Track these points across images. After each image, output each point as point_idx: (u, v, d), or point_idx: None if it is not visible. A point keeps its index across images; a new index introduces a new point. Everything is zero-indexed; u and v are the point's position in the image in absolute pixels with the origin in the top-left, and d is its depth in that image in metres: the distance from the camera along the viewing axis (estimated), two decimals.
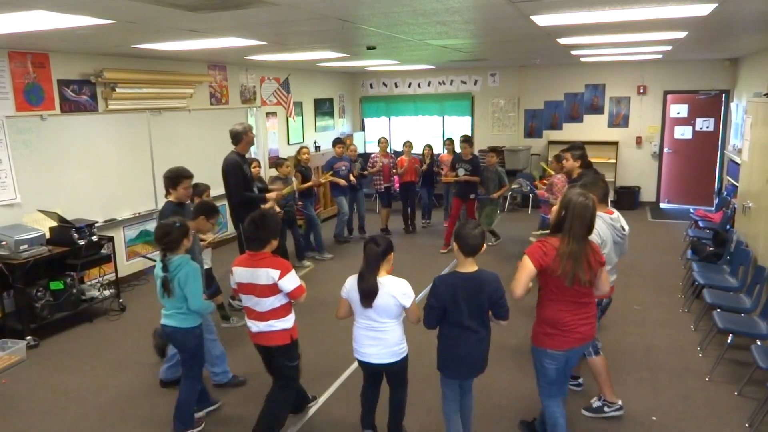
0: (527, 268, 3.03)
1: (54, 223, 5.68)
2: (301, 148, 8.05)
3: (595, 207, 3.06)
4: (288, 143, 10.26)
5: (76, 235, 5.61)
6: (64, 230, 5.62)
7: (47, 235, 5.56)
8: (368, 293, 3.18)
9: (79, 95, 6.31)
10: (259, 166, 6.48)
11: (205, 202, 4.80)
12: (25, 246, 5.23)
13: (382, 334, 3.26)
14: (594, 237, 3.31)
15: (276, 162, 7.50)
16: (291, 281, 3.36)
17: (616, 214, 3.82)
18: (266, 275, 3.33)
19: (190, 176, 4.51)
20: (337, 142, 8.54)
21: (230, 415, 4.06)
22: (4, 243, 5.19)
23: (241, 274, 3.43)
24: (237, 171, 5.49)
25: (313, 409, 4.10)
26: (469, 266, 3.10)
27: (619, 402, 3.91)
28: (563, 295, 3.05)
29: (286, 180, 7.18)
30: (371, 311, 3.22)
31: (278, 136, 10.01)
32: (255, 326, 3.47)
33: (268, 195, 5.77)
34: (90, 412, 4.13)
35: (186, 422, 3.76)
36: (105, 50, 6.09)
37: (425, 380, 4.42)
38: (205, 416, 3.97)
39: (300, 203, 7.61)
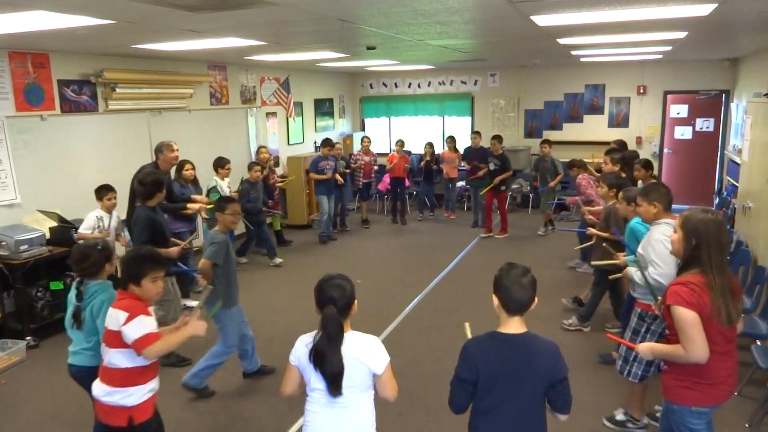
0: (691, 319, 2.37)
1: (54, 223, 5.68)
2: (260, 147, 8.30)
3: (726, 223, 2.58)
4: (288, 143, 10.27)
5: (76, 235, 5.61)
6: (64, 230, 5.62)
7: (47, 235, 5.56)
8: (334, 377, 2.23)
9: (79, 95, 6.31)
10: (194, 168, 6.38)
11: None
12: (25, 246, 5.23)
13: (347, 412, 2.30)
14: (663, 246, 3.04)
15: (248, 165, 7.68)
16: (135, 328, 2.59)
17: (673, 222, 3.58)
18: (114, 317, 2.65)
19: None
20: (326, 143, 8.77)
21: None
22: (4, 243, 5.19)
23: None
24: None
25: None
26: (515, 326, 2.21)
27: (645, 420, 3.76)
28: (711, 343, 2.43)
29: (256, 185, 7.41)
30: (323, 378, 2.28)
31: (278, 137, 10.02)
32: (94, 388, 2.76)
33: (190, 206, 5.77)
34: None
35: None
36: (105, 50, 6.09)
37: (425, 380, 4.42)
38: None
39: (271, 201, 7.96)
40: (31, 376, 4.72)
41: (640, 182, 5.38)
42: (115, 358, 2.66)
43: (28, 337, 5.21)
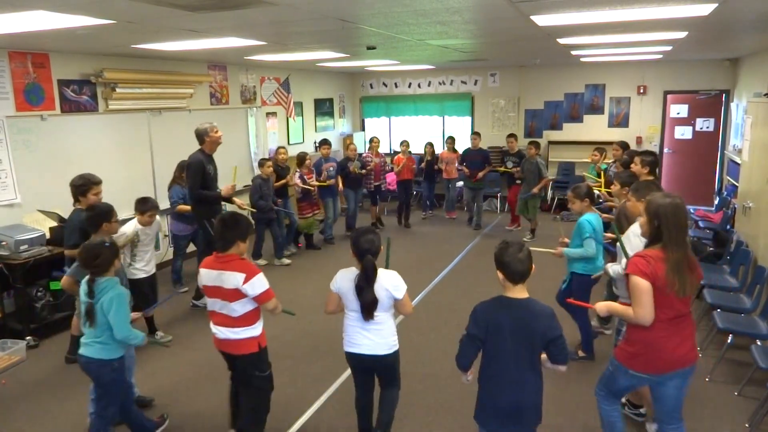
0: (643, 287, 2.68)
1: (54, 223, 5.68)
2: (279, 148, 8.14)
3: (684, 204, 2.81)
4: (288, 143, 10.26)
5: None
6: (64, 230, 5.61)
7: (47, 235, 5.55)
8: (369, 307, 3.12)
9: (80, 95, 6.31)
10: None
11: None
12: (26, 246, 5.23)
13: (376, 326, 3.18)
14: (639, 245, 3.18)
15: (259, 162, 7.63)
16: (257, 284, 3.18)
17: None
18: (231, 279, 3.17)
19: (99, 182, 4.46)
20: (323, 143, 8.65)
21: None
22: (4, 243, 5.19)
23: (207, 276, 3.27)
24: (197, 170, 5.51)
25: (308, 413, 4.09)
26: (518, 293, 2.60)
27: (643, 409, 3.78)
28: (661, 312, 2.73)
29: (268, 181, 7.36)
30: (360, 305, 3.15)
31: (278, 136, 10.02)
32: (220, 332, 3.30)
33: (224, 191, 5.81)
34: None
35: None
36: (105, 50, 6.09)
37: (425, 380, 4.43)
38: None
39: (280, 201, 7.71)
40: (31, 376, 4.72)
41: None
42: (236, 307, 3.21)
43: (28, 337, 5.21)
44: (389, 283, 3.15)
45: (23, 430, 3.94)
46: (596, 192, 5.30)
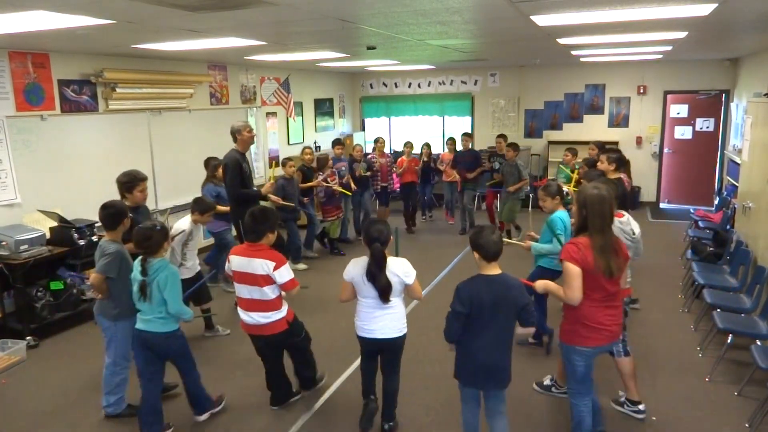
0: (574, 271, 3.04)
1: (54, 223, 5.68)
2: (305, 148, 8.02)
3: (611, 197, 3.10)
4: (288, 143, 10.27)
5: (76, 235, 5.61)
6: (64, 230, 5.62)
7: (47, 235, 5.56)
8: (384, 291, 3.35)
9: (80, 95, 6.31)
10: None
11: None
12: (26, 246, 5.23)
13: (388, 311, 3.42)
14: None
15: (282, 162, 7.49)
16: (285, 273, 3.55)
17: (627, 217, 3.87)
18: (262, 266, 3.51)
19: (144, 178, 4.56)
20: (337, 143, 8.51)
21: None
22: (4, 243, 5.19)
23: (238, 262, 3.59)
24: (234, 168, 5.51)
25: (326, 395, 4.21)
26: (493, 269, 3.05)
27: (641, 406, 3.86)
28: (593, 292, 3.08)
29: (291, 180, 7.22)
30: (375, 290, 3.36)
31: (278, 136, 10.02)
32: (248, 317, 3.64)
33: (263, 190, 5.87)
34: (90, 413, 4.13)
35: (205, 404, 3.92)
36: (105, 50, 6.09)
37: (425, 380, 4.43)
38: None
39: (306, 199, 7.62)
40: (31, 376, 4.72)
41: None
42: (266, 292, 3.56)
43: (28, 337, 5.21)
44: (400, 269, 3.38)
45: (23, 430, 3.94)
46: (565, 190, 5.29)
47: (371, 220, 3.52)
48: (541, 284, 3.36)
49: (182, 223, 4.93)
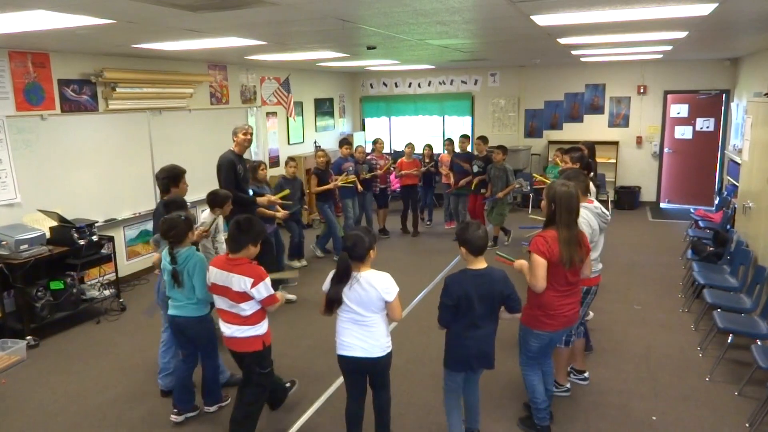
0: (539, 262, 3.29)
1: (54, 223, 5.68)
2: (318, 151, 7.97)
3: (577, 194, 3.38)
4: (288, 143, 10.27)
5: (76, 235, 5.62)
6: (64, 230, 5.62)
7: (47, 235, 5.56)
8: (329, 303, 3.19)
9: (80, 95, 6.31)
10: (266, 169, 6.47)
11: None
12: (26, 246, 5.23)
13: (368, 328, 3.20)
14: (584, 227, 3.66)
15: (286, 161, 7.43)
16: (264, 290, 3.35)
17: (596, 203, 4.06)
18: (239, 282, 3.31)
19: (185, 171, 4.62)
20: (344, 142, 8.38)
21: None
22: (4, 243, 5.19)
23: (216, 275, 3.43)
24: (229, 169, 5.52)
25: (313, 408, 4.10)
26: (479, 263, 3.21)
27: (568, 385, 4.16)
28: (555, 282, 3.34)
29: (296, 180, 7.19)
30: (355, 305, 3.16)
31: (278, 136, 10.02)
32: (227, 329, 3.46)
33: (259, 199, 5.82)
34: (90, 412, 4.13)
35: (216, 397, 4.03)
36: (105, 50, 6.09)
37: (425, 379, 4.43)
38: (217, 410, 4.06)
39: (306, 205, 7.59)
40: (31, 376, 4.72)
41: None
42: (245, 307, 3.37)
43: (28, 337, 5.21)
44: (380, 285, 3.14)
45: (23, 430, 3.94)
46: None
47: (355, 228, 3.30)
48: (518, 264, 3.55)
49: (205, 218, 4.87)
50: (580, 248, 3.36)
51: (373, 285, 3.13)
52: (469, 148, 8.81)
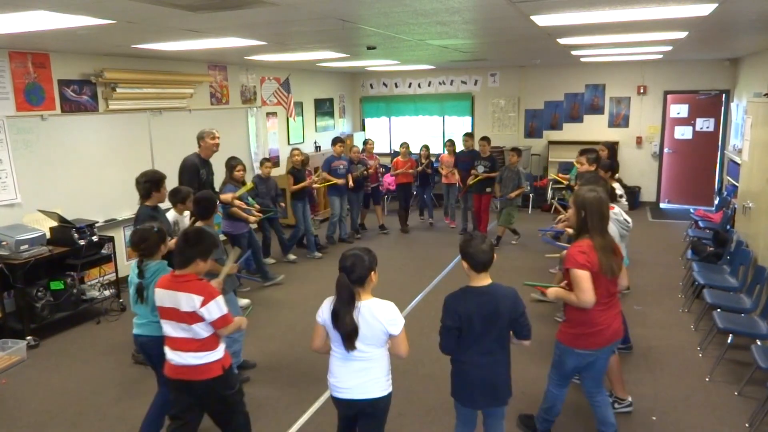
0: (583, 275, 3.02)
1: (54, 223, 5.69)
2: (293, 150, 8.03)
3: (606, 197, 3.17)
4: (288, 143, 10.26)
5: (76, 235, 5.62)
6: (64, 230, 5.62)
7: (48, 235, 5.56)
8: (348, 335, 2.65)
9: (80, 95, 6.31)
10: (244, 170, 6.53)
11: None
12: (26, 246, 5.23)
13: (367, 363, 2.73)
14: None
15: (261, 162, 7.58)
16: (215, 309, 2.94)
17: (617, 209, 3.95)
18: (188, 301, 2.93)
19: (165, 176, 4.64)
20: (337, 141, 8.50)
21: None
22: (4, 243, 5.19)
23: (161, 296, 3.01)
24: (191, 172, 5.57)
25: (313, 408, 4.09)
26: (482, 280, 2.86)
27: (629, 398, 3.92)
28: (598, 295, 3.06)
29: (269, 180, 7.32)
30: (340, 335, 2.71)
31: (278, 136, 10.02)
32: (178, 357, 2.99)
33: (222, 196, 5.86)
34: (90, 412, 4.13)
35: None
36: (105, 50, 6.10)
37: (425, 380, 4.43)
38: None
39: (283, 204, 7.72)
40: (31, 376, 4.72)
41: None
42: (197, 330, 2.98)
43: (28, 337, 5.21)
44: (384, 315, 2.68)
45: (23, 431, 3.94)
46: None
47: (351, 247, 2.81)
48: (552, 292, 3.26)
49: (172, 218, 4.95)
50: (616, 256, 3.14)
51: (377, 316, 2.67)
52: (473, 147, 8.96)
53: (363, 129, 12.83)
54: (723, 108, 10.20)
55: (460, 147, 9.36)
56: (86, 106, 6.39)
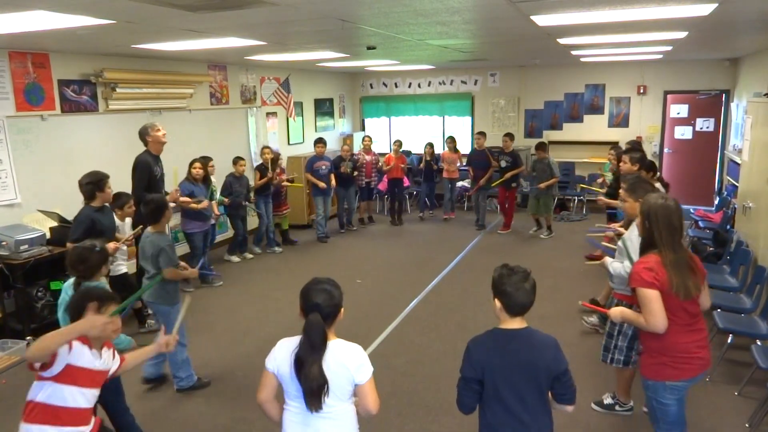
0: (651, 295, 2.63)
1: (54, 223, 5.68)
2: (264, 148, 8.31)
3: (678, 206, 2.78)
4: (288, 143, 10.27)
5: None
6: (64, 230, 5.59)
7: (47, 235, 5.56)
8: (314, 391, 2.10)
9: (80, 95, 6.31)
10: (200, 168, 6.77)
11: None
12: (26, 246, 5.23)
13: (332, 423, 2.17)
14: (636, 243, 3.15)
15: (234, 159, 7.79)
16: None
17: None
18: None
19: (108, 176, 4.64)
20: (318, 141, 8.86)
21: (197, 417, 4.06)
22: (4, 243, 5.19)
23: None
24: (143, 170, 5.59)
25: None
26: (516, 324, 2.26)
27: (631, 403, 3.92)
28: (673, 316, 2.69)
29: (242, 178, 7.71)
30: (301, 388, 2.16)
31: (278, 136, 10.02)
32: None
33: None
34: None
35: None
36: (105, 50, 6.10)
37: (425, 380, 4.43)
38: None
39: (253, 200, 8.01)
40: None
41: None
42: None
43: (28, 337, 5.20)
44: (350, 360, 2.18)
45: None
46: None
47: (316, 280, 2.25)
48: (617, 312, 2.92)
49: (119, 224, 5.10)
50: (694, 274, 2.71)
51: (342, 362, 2.16)
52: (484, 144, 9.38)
53: (363, 129, 12.82)
54: (723, 108, 10.19)
55: (467, 145, 9.90)
56: (86, 106, 6.39)
